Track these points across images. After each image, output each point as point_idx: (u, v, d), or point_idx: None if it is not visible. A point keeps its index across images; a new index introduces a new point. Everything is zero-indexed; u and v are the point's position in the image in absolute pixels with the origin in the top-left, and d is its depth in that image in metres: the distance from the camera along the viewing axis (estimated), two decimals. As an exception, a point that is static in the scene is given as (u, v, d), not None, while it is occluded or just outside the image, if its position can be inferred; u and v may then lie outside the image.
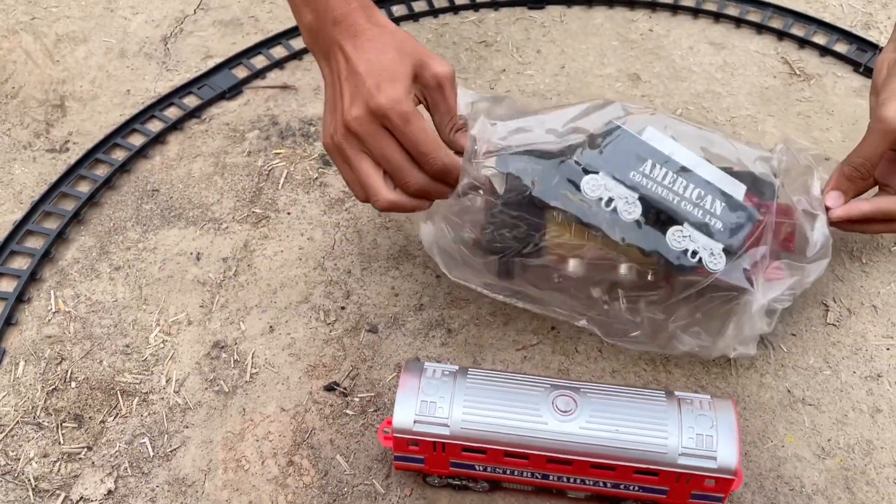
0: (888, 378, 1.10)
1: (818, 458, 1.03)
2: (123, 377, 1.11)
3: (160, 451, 1.04)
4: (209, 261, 1.23)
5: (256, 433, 1.06)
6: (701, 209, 1.00)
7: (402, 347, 1.13)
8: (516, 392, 0.93)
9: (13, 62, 1.51)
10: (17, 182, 1.34)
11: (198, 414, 1.08)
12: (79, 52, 1.54)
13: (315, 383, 1.10)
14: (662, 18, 1.58)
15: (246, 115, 1.43)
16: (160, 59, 1.53)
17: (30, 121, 1.43)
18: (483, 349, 1.13)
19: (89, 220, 1.29)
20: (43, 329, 1.16)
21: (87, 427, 1.07)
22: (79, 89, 1.48)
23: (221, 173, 1.34)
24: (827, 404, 1.08)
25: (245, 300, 1.19)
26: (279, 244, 1.25)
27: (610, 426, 0.90)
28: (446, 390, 0.92)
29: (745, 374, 1.10)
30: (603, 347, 1.13)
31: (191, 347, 1.14)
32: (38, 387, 1.10)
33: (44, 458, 1.04)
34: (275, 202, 1.30)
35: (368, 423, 1.06)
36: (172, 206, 1.30)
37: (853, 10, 1.59)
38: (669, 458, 0.88)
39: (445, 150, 0.95)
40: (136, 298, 1.19)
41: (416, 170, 0.94)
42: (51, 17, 1.60)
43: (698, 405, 0.91)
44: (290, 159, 1.36)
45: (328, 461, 1.03)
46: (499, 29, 1.56)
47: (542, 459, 0.91)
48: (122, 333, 1.15)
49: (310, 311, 1.17)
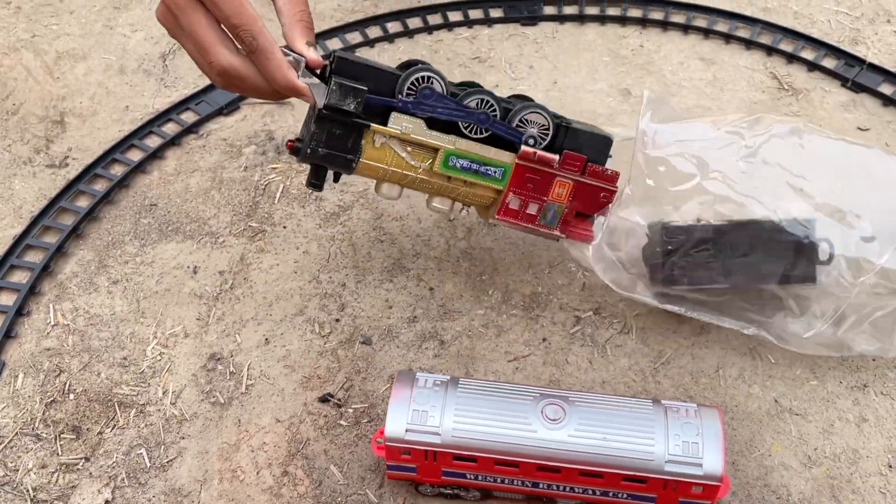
0: (874, 388, 1.11)
1: (805, 466, 1.04)
2: (121, 389, 1.13)
3: (157, 462, 1.06)
4: (206, 274, 1.25)
5: (252, 444, 1.07)
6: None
7: (396, 359, 1.15)
8: (506, 401, 0.94)
9: (14, 79, 1.54)
10: (17, 197, 1.36)
11: (194, 425, 1.09)
12: (79, 69, 1.56)
13: (310, 394, 1.12)
14: (653, 34, 1.60)
15: (243, 131, 1.45)
16: (159, 75, 1.55)
17: (30, 137, 1.45)
18: (475, 360, 1.15)
19: (88, 235, 1.31)
20: (42, 342, 1.18)
21: (85, 438, 1.08)
22: (78, 106, 1.50)
23: (218, 188, 1.37)
24: (813, 414, 1.09)
25: (241, 313, 1.20)
26: (275, 257, 1.27)
27: (598, 434, 0.91)
28: (437, 400, 0.94)
29: (733, 384, 1.12)
30: (593, 358, 1.15)
31: (187, 360, 1.15)
32: (37, 398, 1.12)
33: (42, 468, 1.05)
34: (271, 216, 1.32)
35: (362, 434, 1.08)
36: (170, 220, 1.32)
37: (841, 25, 1.62)
38: (656, 465, 0.90)
39: (261, 26, 0.88)
40: (133, 311, 1.21)
41: (225, 49, 0.88)
42: (51, 34, 1.63)
43: (684, 413, 0.93)
44: (286, 174, 1.38)
45: (322, 471, 1.05)
46: (492, 45, 1.58)
47: (532, 467, 0.93)
48: (120, 346, 1.17)
49: (305, 323, 1.19)
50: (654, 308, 1.18)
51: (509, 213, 1.08)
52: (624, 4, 1.63)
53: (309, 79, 0.96)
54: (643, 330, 1.17)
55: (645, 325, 1.18)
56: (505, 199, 1.07)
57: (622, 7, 1.63)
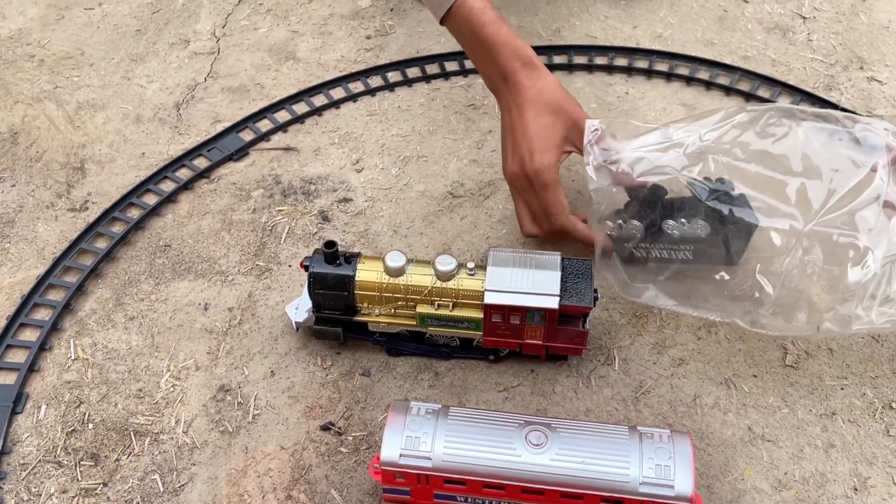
0: (841, 416, 1.18)
1: (776, 490, 1.11)
2: (136, 419, 1.21)
3: (169, 487, 1.14)
4: (216, 310, 1.34)
5: (258, 469, 1.15)
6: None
7: (393, 389, 1.23)
8: (493, 428, 1.02)
9: (37, 128, 1.64)
10: (40, 239, 1.45)
11: (204, 452, 1.17)
12: (98, 118, 1.67)
13: (312, 423, 1.19)
14: (638, 82, 1.70)
15: (251, 175, 1.55)
16: (173, 123, 1.65)
17: (52, 182, 1.55)
18: (467, 391, 1.22)
19: (106, 274, 1.39)
20: (63, 375, 1.26)
21: (103, 465, 1.16)
22: (98, 153, 1.60)
23: (228, 229, 1.46)
24: (784, 440, 1.16)
25: (248, 347, 1.29)
26: (280, 294, 1.35)
27: (577, 458, 0.99)
28: (429, 427, 1.02)
29: (709, 412, 1.19)
30: (578, 388, 1.22)
31: (198, 391, 1.24)
32: (59, 428, 1.20)
33: (63, 493, 1.13)
34: (277, 255, 1.41)
35: (361, 460, 1.15)
36: (183, 260, 1.41)
37: (816, 72, 1.71)
38: (631, 487, 0.97)
39: (567, 215, 1.23)
40: (148, 346, 1.29)
41: (545, 220, 1.25)
42: (72, 86, 1.73)
43: (658, 438, 1.00)
44: (292, 216, 1.47)
45: (324, 495, 1.12)
46: (486, 93, 1.68)
47: (517, 489, 1.00)
48: (136, 378, 1.25)
49: (308, 356, 1.27)
50: (635, 340, 1.26)
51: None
52: (611, 54, 1.73)
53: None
54: (625, 361, 1.25)
55: (627, 357, 1.25)
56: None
57: (609, 56, 1.73)
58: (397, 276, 1.16)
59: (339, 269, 1.17)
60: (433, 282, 1.16)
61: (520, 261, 1.14)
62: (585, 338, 1.16)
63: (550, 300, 1.11)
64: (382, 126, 1.63)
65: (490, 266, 1.15)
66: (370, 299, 1.19)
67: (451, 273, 1.15)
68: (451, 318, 1.16)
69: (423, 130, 1.61)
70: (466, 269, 1.16)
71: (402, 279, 1.16)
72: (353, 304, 1.19)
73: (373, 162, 1.56)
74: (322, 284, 1.17)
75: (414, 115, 1.64)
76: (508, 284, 1.12)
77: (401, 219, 1.44)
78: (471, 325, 1.17)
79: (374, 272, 1.17)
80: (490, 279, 1.13)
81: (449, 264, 1.15)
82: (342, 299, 1.18)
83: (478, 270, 1.16)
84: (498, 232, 1.42)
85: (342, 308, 1.20)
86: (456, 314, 1.16)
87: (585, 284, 1.13)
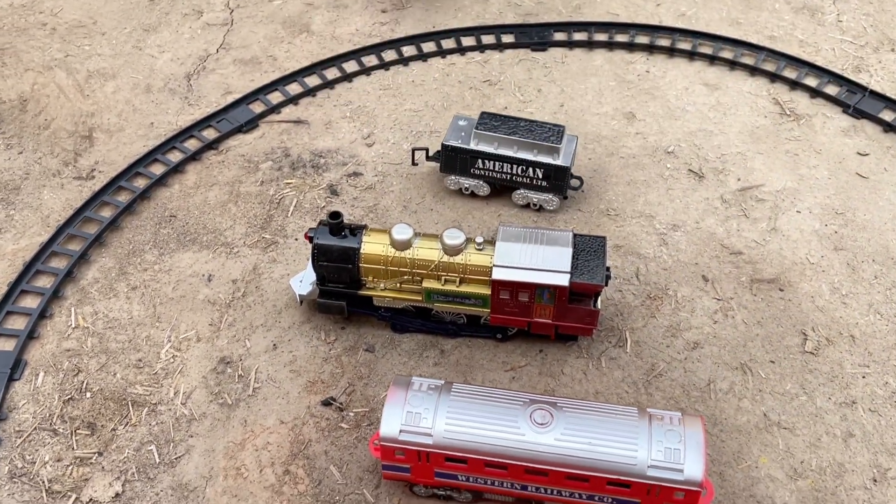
0: (862, 405, 1.14)
1: (790, 479, 1.07)
2: (135, 389, 1.18)
3: (166, 458, 1.11)
4: (220, 282, 1.31)
5: (256, 443, 1.12)
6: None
7: (397, 366, 1.20)
8: (497, 405, 0.98)
9: (47, 96, 1.62)
10: (45, 206, 1.43)
11: (202, 424, 1.14)
12: (108, 87, 1.64)
13: (313, 398, 1.17)
14: (659, 60, 1.65)
15: (260, 147, 1.52)
16: (183, 94, 1.62)
17: (60, 150, 1.53)
18: (474, 369, 1.19)
19: (110, 243, 1.37)
20: (63, 343, 1.24)
21: (99, 434, 1.14)
22: (106, 122, 1.58)
23: (235, 201, 1.43)
24: (801, 428, 1.12)
25: (251, 319, 1.26)
26: (286, 267, 1.32)
27: (583, 438, 0.95)
28: (431, 403, 0.98)
29: (723, 397, 1.15)
30: (587, 370, 1.18)
31: (199, 362, 1.21)
32: (56, 396, 1.18)
33: (58, 461, 1.11)
34: (284, 228, 1.38)
35: (362, 437, 1.12)
36: (188, 231, 1.38)
37: (845, 53, 1.65)
38: (639, 470, 0.93)
39: None
40: (150, 316, 1.27)
41: None
42: (83, 54, 1.71)
43: (668, 421, 0.96)
44: (300, 189, 1.44)
45: (322, 471, 1.09)
46: (502, 69, 1.64)
47: (520, 469, 0.96)
48: (136, 348, 1.23)
49: (311, 330, 1.24)
50: (648, 322, 1.22)
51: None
52: (632, 31, 1.68)
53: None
54: (637, 343, 1.21)
55: (639, 339, 1.21)
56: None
57: (630, 34, 1.68)
58: (404, 250, 1.13)
59: (344, 241, 1.14)
60: (440, 256, 1.12)
61: (530, 236, 1.10)
62: (597, 317, 1.12)
63: (561, 277, 1.08)
64: (395, 100, 1.59)
65: (499, 241, 1.11)
66: (375, 273, 1.16)
67: (458, 247, 1.11)
68: (458, 293, 1.13)
69: (436, 105, 1.57)
70: (475, 243, 1.13)
71: (408, 253, 1.13)
72: (357, 278, 1.16)
73: (384, 136, 1.52)
74: (326, 256, 1.14)
75: (428, 89, 1.60)
76: (518, 260, 1.09)
77: (411, 194, 1.41)
78: (478, 301, 1.13)
79: (380, 245, 1.14)
80: (499, 254, 1.10)
81: (457, 238, 1.11)
82: (346, 272, 1.15)
83: (486, 245, 1.12)
84: (510, 210, 1.38)
85: (346, 281, 1.17)
86: (463, 290, 1.13)
87: (598, 262, 1.09)
